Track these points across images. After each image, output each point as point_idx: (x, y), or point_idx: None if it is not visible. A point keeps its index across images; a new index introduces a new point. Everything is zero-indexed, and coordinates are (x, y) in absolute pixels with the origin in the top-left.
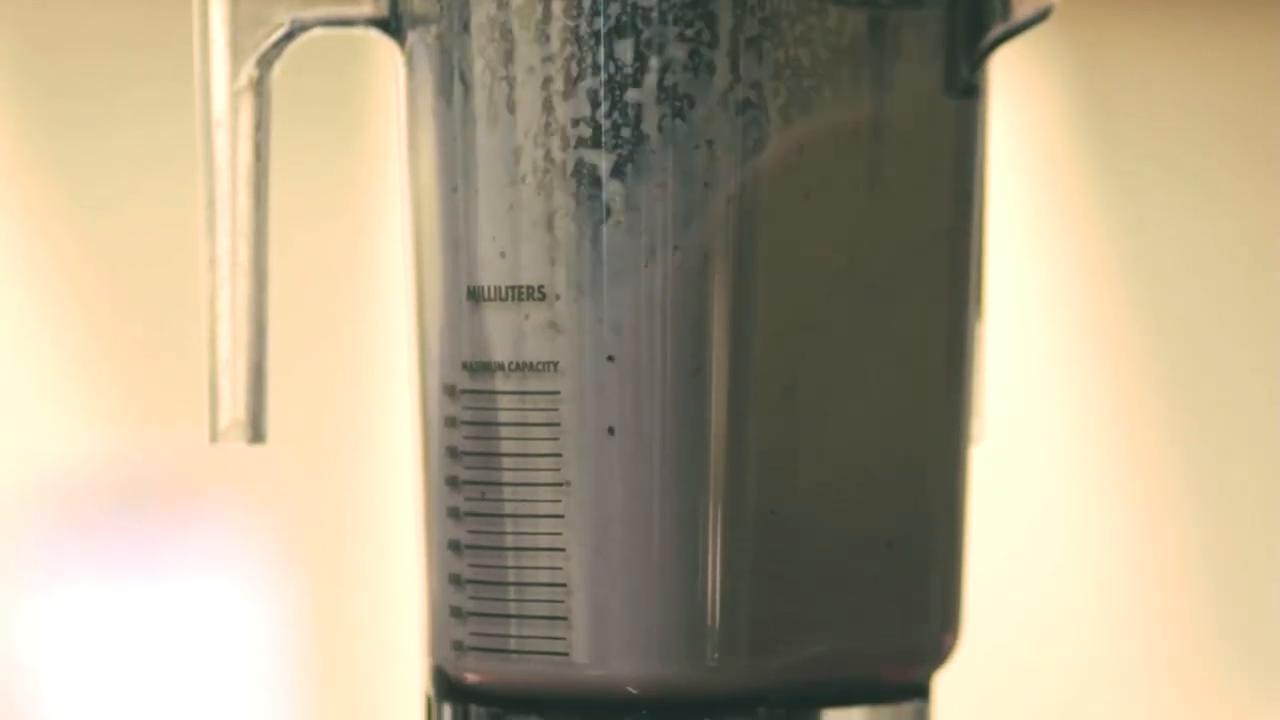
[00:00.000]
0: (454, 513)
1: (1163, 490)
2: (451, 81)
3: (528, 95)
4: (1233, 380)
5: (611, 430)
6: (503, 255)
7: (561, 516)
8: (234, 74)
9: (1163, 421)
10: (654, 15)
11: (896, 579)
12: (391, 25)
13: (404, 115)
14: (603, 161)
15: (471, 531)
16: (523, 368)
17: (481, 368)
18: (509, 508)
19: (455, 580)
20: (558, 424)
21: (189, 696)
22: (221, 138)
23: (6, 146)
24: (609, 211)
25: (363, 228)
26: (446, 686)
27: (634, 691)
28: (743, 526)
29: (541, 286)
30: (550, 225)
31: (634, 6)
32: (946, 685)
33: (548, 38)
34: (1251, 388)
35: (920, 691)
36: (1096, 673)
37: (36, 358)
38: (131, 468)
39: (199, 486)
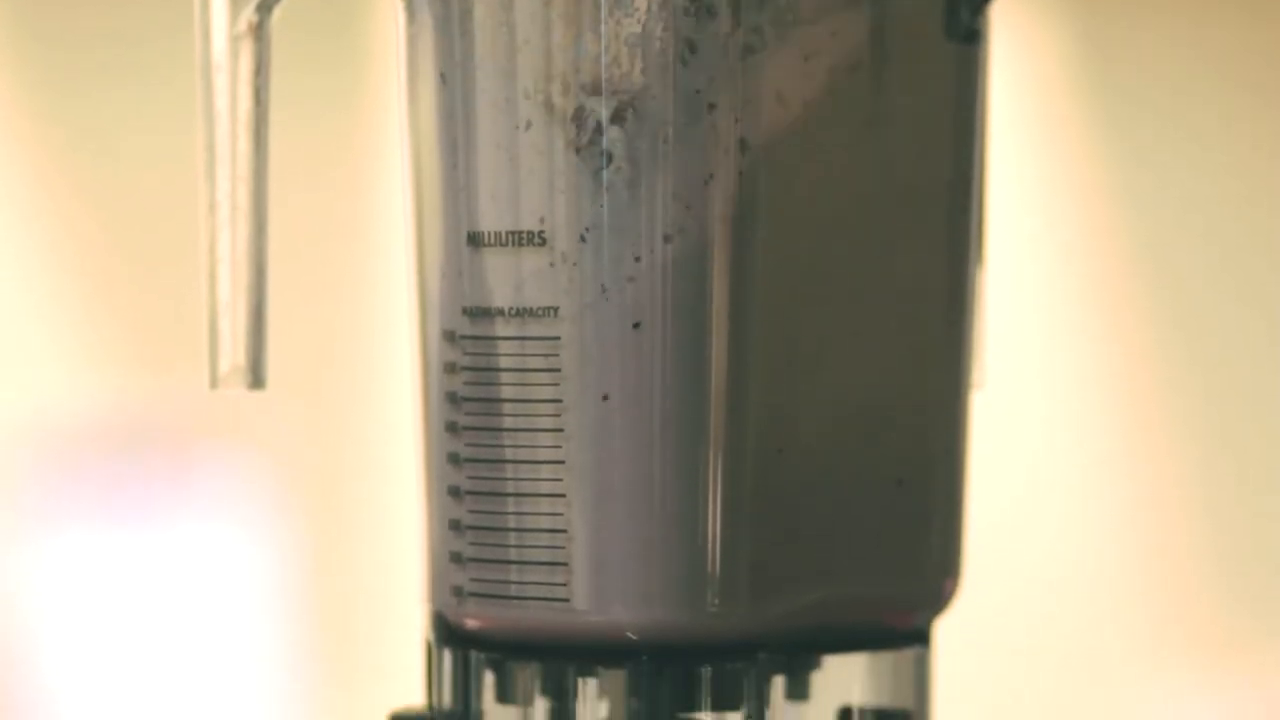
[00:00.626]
0: (454, 458)
1: (1163, 435)
2: (452, 27)
3: (529, 40)
4: (1231, 321)
5: (612, 376)
6: (503, 201)
7: (562, 462)
8: (233, 18)
9: (1162, 364)
10: None
11: (897, 525)
12: None
13: (404, 62)
14: (603, 108)
15: (471, 477)
16: (522, 313)
17: (481, 313)
18: (509, 453)
19: (455, 526)
20: (558, 369)
21: (188, 640)
22: (221, 82)
23: (5, 95)
24: (609, 158)
25: (363, 174)
26: (446, 632)
27: (634, 637)
28: (743, 472)
29: (542, 232)
30: (550, 171)
31: None
32: (946, 631)
33: None
34: (1250, 327)
35: (921, 637)
36: (1097, 618)
37: (36, 304)
38: (131, 414)
39: (199, 433)
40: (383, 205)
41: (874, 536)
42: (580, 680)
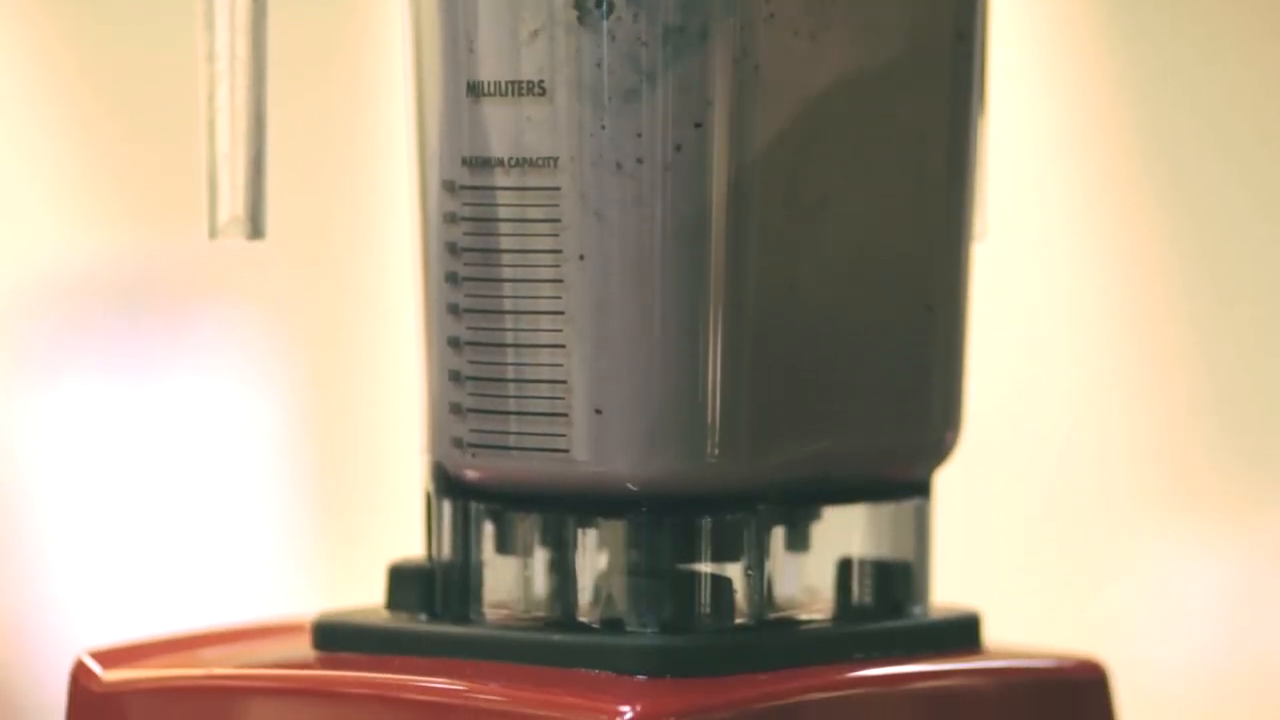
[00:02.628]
0: (453, 309)
1: (1162, 288)
2: None
3: None
4: (1230, 176)
5: (612, 224)
6: (503, 50)
7: (562, 313)
8: None
9: (1162, 221)
10: None
11: (898, 375)
12: None
13: None
14: None
15: (471, 328)
16: (522, 163)
17: (481, 163)
18: (509, 304)
19: (455, 377)
20: (558, 220)
21: (186, 493)
22: None
23: None
24: (610, 6)
25: (362, 23)
26: (446, 483)
27: (634, 488)
28: (743, 323)
29: (542, 82)
30: (551, 19)
31: None
32: (946, 482)
33: None
34: (1249, 183)
35: (921, 489)
36: (1097, 474)
37: (35, 160)
38: (131, 268)
39: (198, 286)
40: (383, 55)
41: (874, 387)
42: (580, 531)
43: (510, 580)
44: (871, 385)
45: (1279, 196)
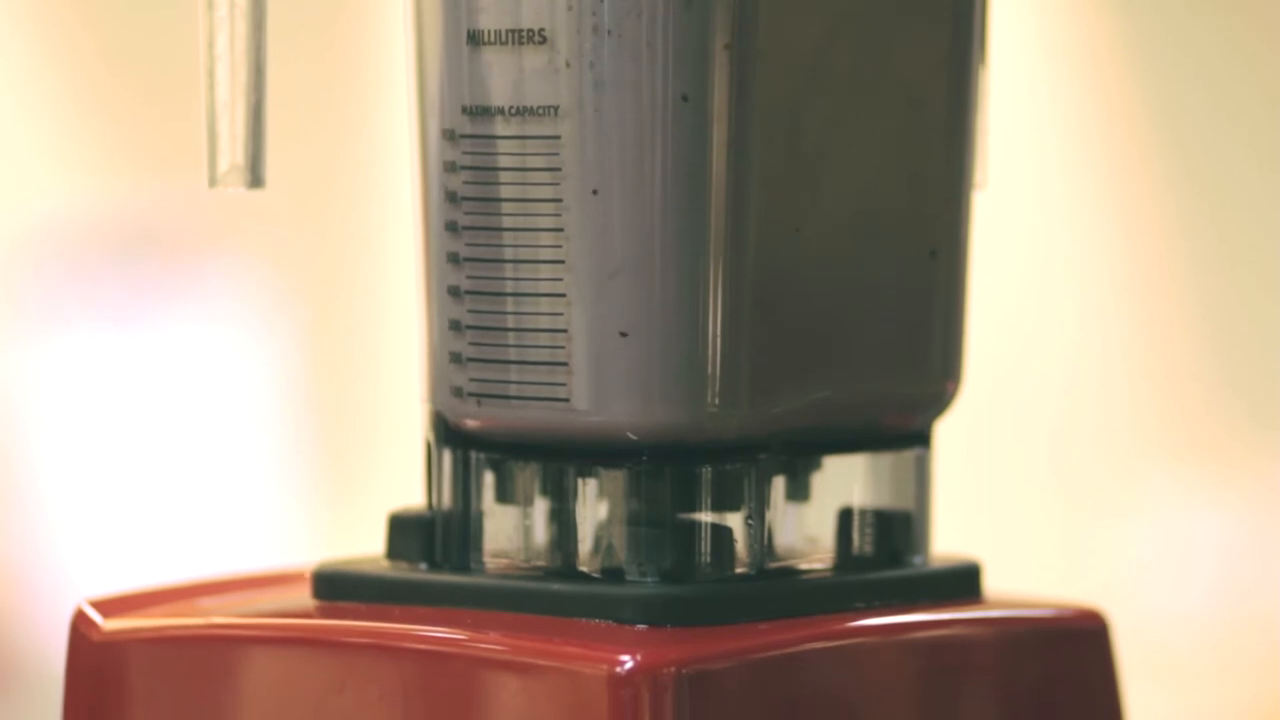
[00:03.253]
0: (453, 258)
1: (1163, 238)
2: None
3: None
4: (1231, 127)
5: (612, 175)
6: None
7: (562, 262)
8: None
9: (1162, 167)
10: None
11: (899, 324)
12: None
13: None
14: None
15: (471, 277)
16: (523, 112)
17: (481, 112)
18: (509, 253)
19: (455, 326)
20: (558, 168)
21: (187, 441)
22: None
23: None
24: None
25: None
26: (446, 432)
27: (634, 437)
28: (743, 272)
29: (542, 30)
30: None
31: None
32: (947, 433)
33: None
34: (1250, 134)
35: (922, 439)
36: (1096, 423)
37: (37, 110)
38: (131, 219)
39: (199, 236)
40: (384, 5)
41: (876, 336)
42: (580, 480)
43: (510, 529)
44: (873, 334)
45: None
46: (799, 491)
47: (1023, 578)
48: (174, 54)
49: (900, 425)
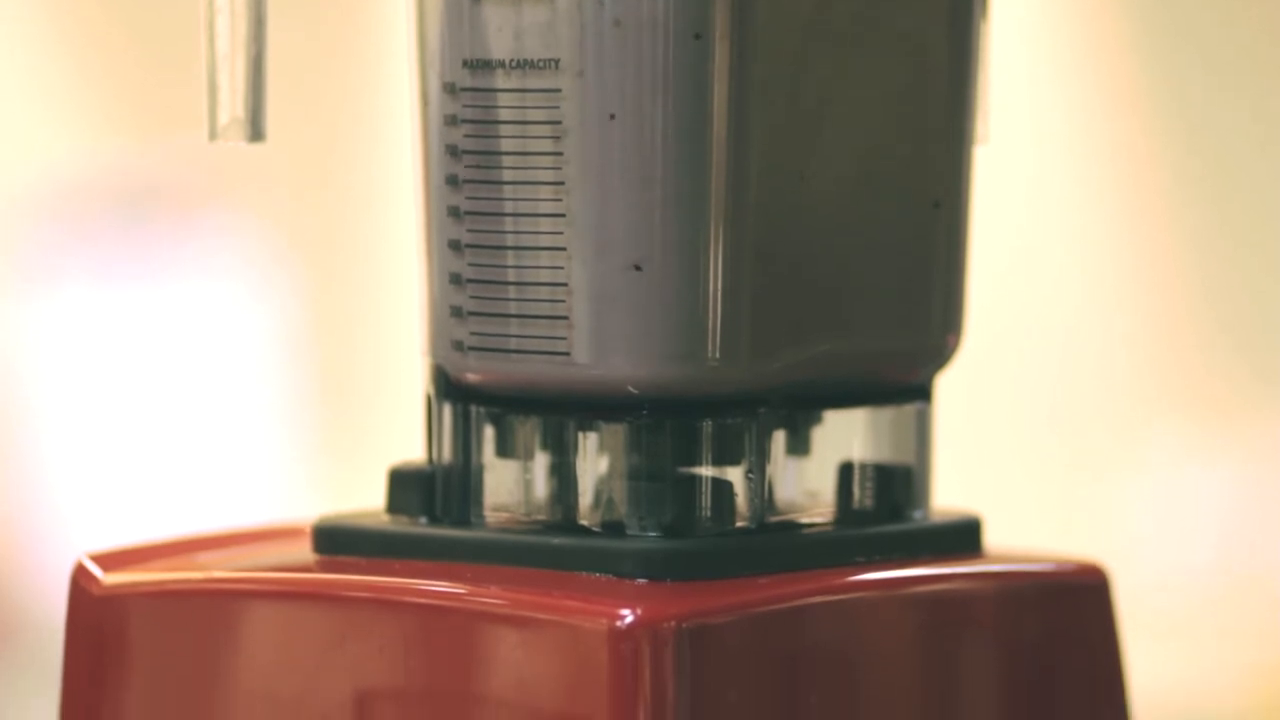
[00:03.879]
0: (454, 212)
1: (1161, 194)
2: None
3: None
4: (1227, 78)
5: (612, 127)
6: None
7: (563, 215)
8: None
9: (1158, 121)
10: None
11: (901, 277)
12: None
13: None
14: None
15: (472, 230)
16: (523, 65)
17: (482, 65)
18: (509, 206)
19: (455, 280)
20: (559, 122)
21: (188, 397)
22: None
23: None
24: None
25: None
26: (447, 386)
27: (634, 391)
28: (745, 224)
29: None
30: None
31: None
32: (947, 387)
33: None
34: (1246, 84)
35: (922, 393)
36: (1095, 381)
37: (37, 67)
38: (132, 175)
39: (199, 192)
40: None
41: (877, 289)
42: (580, 434)
43: (511, 483)
44: (874, 288)
45: (1275, 96)
46: (799, 445)
47: (1023, 534)
48: (173, 8)
49: (901, 379)
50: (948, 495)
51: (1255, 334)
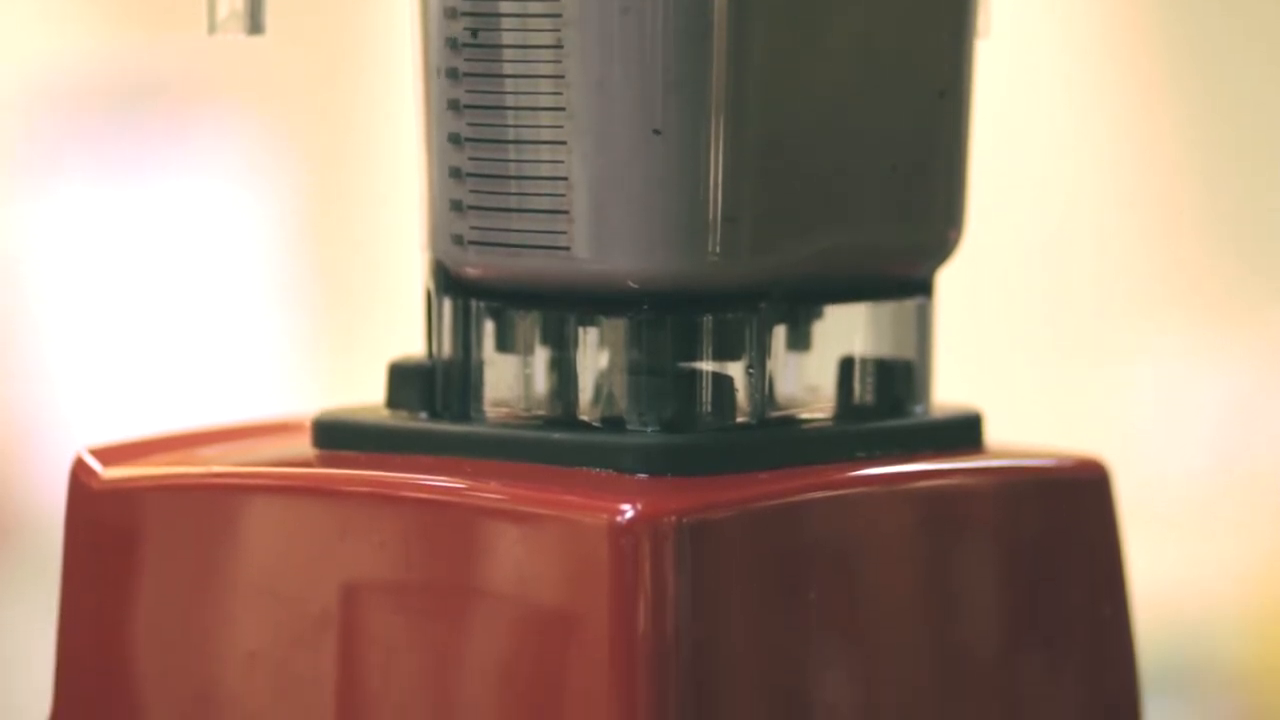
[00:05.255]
0: (454, 105)
1: (1161, 91)
2: None
3: None
4: None
5: (614, 15)
6: None
7: (563, 109)
8: None
9: (1160, 20)
10: None
11: (903, 169)
12: None
13: None
14: None
15: (472, 124)
16: None
17: None
18: (510, 100)
19: (455, 174)
20: (559, 15)
21: (187, 293)
22: None
23: None
24: None
25: None
26: (446, 280)
27: (635, 285)
28: (747, 117)
29: None
30: None
31: None
32: (948, 282)
33: None
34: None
35: (923, 288)
36: (1097, 279)
37: None
38: (129, 71)
39: (197, 88)
40: None
41: (880, 182)
42: (580, 329)
43: (511, 378)
44: (877, 181)
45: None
46: (800, 341)
47: (1024, 430)
48: None
49: (902, 273)
50: (948, 391)
51: (1257, 229)
